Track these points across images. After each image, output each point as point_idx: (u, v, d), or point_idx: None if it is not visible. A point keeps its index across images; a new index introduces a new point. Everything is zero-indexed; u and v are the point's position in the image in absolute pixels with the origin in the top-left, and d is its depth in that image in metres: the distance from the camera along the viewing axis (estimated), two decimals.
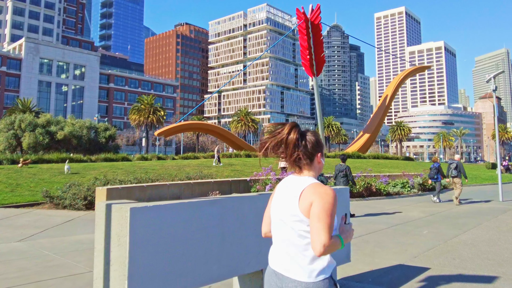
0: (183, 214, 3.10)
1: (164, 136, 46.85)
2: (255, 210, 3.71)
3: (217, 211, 3.38)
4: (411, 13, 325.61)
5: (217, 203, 3.41)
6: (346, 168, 12.33)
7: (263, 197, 3.81)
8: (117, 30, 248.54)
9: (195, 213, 3.20)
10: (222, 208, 3.43)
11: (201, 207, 3.27)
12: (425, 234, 8.67)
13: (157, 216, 2.92)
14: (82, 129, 52.49)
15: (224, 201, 3.48)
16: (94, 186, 13.87)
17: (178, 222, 3.06)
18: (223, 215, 3.43)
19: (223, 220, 3.42)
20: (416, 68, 63.98)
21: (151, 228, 2.88)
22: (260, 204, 3.78)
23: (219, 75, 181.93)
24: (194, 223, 3.18)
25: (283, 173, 19.79)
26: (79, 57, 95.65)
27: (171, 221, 3.01)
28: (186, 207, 3.14)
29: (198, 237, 3.20)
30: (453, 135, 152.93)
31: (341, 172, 12.32)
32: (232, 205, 3.53)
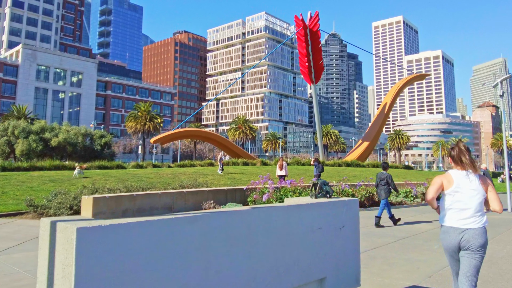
0: (152, 235, 2.39)
1: (161, 144, 46.15)
2: (247, 228, 3.00)
3: (199, 230, 2.67)
4: (408, 22, 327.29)
5: (199, 220, 2.69)
6: (387, 176, 11.94)
7: (257, 212, 3.11)
8: (116, 38, 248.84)
9: (169, 234, 2.49)
10: (205, 227, 2.72)
11: (177, 226, 2.55)
12: (436, 249, 7.95)
13: (115, 239, 2.20)
14: (77, 136, 51.67)
15: (208, 218, 2.76)
16: (81, 194, 13.14)
17: (145, 247, 2.34)
18: (207, 236, 2.71)
19: (207, 242, 2.71)
20: (415, 76, 63.65)
21: (106, 255, 2.16)
22: (254, 220, 3.07)
23: (217, 83, 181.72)
24: (168, 247, 2.46)
25: (281, 181, 19.08)
26: (76, 64, 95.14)
27: (136, 245, 2.29)
28: (156, 226, 2.43)
29: (174, 265, 2.49)
30: (451, 143, 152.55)
31: (382, 180, 11.98)
32: (219, 223, 2.81)
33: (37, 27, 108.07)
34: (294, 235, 3.37)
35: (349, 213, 4.01)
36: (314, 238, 3.57)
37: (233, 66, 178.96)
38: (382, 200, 11.72)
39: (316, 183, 4.06)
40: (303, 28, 50.11)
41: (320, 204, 3.71)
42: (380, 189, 11.94)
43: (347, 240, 3.97)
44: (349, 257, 4.00)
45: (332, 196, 4.15)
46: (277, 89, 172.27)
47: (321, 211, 3.68)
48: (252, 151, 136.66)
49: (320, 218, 3.67)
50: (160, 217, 2.48)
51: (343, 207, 3.95)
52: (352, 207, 4.10)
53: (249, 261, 2.95)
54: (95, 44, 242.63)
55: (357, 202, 4.24)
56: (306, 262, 3.46)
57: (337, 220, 3.86)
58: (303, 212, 3.49)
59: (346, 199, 4.08)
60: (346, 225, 3.94)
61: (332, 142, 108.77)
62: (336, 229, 3.84)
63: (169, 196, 13.16)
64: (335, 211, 3.86)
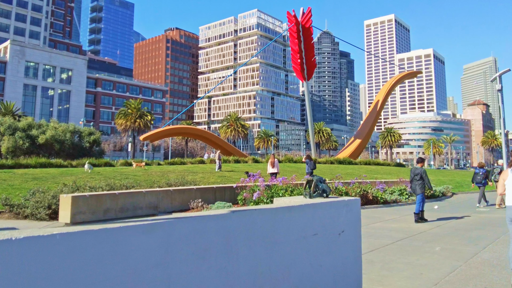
0: (91, 250, 1.76)
1: (150, 141, 45.32)
2: (225, 236, 2.38)
3: (158, 242, 2.04)
4: (400, 21, 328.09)
5: (159, 229, 2.06)
6: (422, 171, 11.84)
7: (237, 217, 2.49)
8: (107, 35, 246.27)
9: (116, 247, 1.86)
10: (168, 237, 2.09)
11: (128, 238, 1.92)
12: (438, 251, 7.39)
13: (31, 257, 1.56)
14: (65, 133, 50.59)
15: (171, 226, 2.13)
16: (61, 193, 12.42)
17: (79, 266, 1.70)
18: (169, 249, 2.08)
19: (169, 257, 2.08)
20: (408, 74, 63.41)
21: (16, 278, 1.52)
22: (234, 227, 2.45)
23: (209, 81, 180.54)
24: (113, 265, 1.83)
25: (273, 179, 18.46)
26: (66, 60, 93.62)
27: (66, 264, 1.65)
28: (97, 238, 1.79)
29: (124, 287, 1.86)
30: (442, 141, 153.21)
31: (416, 175, 11.86)
32: (186, 231, 2.19)
33: (26, 23, 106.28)
34: (283, 243, 2.77)
35: (350, 216, 3.40)
36: (308, 247, 2.97)
37: (225, 64, 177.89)
38: (418, 195, 11.65)
39: (311, 180, 3.45)
40: (295, 25, 49.52)
41: (316, 205, 3.10)
42: (415, 184, 11.84)
43: (347, 248, 3.37)
44: (349, 268, 3.40)
45: (329, 195, 3.54)
46: (269, 87, 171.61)
47: (316, 214, 3.08)
48: (244, 149, 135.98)
49: (316, 222, 3.06)
50: (103, 225, 1.85)
51: (342, 209, 3.35)
52: (353, 208, 3.49)
53: (226, 278, 2.33)
54: (85, 41, 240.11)
55: (358, 202, 3.63)
56: (297, 276, 2.86)
57: (335, 224, 3.25)
58: (294, 215, 2.88)
59: (346, 198, 3.47)
60: (346, 229, 3.34)
61: (324, 140, 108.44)
62: (334, 234, 3.23)
63: (154, 195, 12.50)
64: (333, 213, 3.25)
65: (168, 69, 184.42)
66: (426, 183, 11.67)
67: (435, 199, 19.37)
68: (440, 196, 20.19)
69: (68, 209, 10.73)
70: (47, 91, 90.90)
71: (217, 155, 28.91)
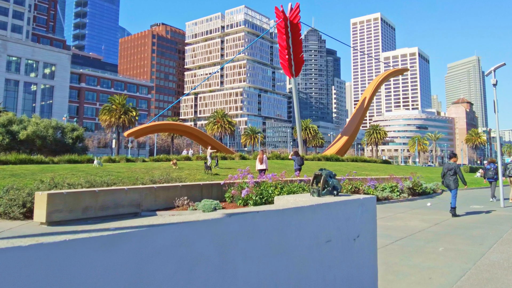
0: (25, 272, 1.21)
1: (135, 137, 44.36)
2: (220, 246, 1.78)
3: (125, 258, 1.43)
4: (386, 19, 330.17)
5: (127, 242, 1.44)
6: (456, 166, 12.03)
7: (236, 222, 1.89)
8: (92, 30, 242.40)
9: (65, 269, 1.24)
10: (138, 251, 1.48)
11: (82, 256, 1.30)
12: (441, 252, 6.90)
13: None
14: (47, 129, 49.28)
15: (144, 237, 1.51)
16: (38, 190, 11.66)
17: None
18: (141, 267, 1.48)
19: (140, 277, 1.47)
20: (394, 71, 63.44)
21: None
22: (230, 235, 1.85)
23: (195, 77, 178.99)
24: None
25: (261, 175, 17.89)
26: (49, 55, 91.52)
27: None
28: (29, 258, 1.22)
29: None
30: (427, 139, 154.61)
31: (450, 170, 12.04)
32: (166, 243, 1.57)
33: (8, 16, 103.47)
34: (292, 253, 2.19)
35: (366, 217, 2.84)
36: (321, 256, 2.39)
37: (212, 60, 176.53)
38: (453, 190, 11.88)
39: (319, 174, 2.88)
40: (283, 20, 48.95)
41: (329, 206, 2.53)
42: (449, 179, 12.01)
43: (363, 255, 2.81)
44: (365, 278, 2.84)
45: (340, 193, 2.97)
46: (256, 84, 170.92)
47: (330, 216, 2.51)
48: (231, 145, 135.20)
49: (330, 225, 2.49)
50: (41, 238, 1.24)
51: (357, 209, 2.78)
52: (369, 208, 2.93)
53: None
54: (70, 36, 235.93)
55: (374, 201, 3.07)
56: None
57: (350, 228, 2.69)
58: (305, 218, 2.30)
59: (361, 197, 2.90)
60: (362, 233, 2.79)
61: (311, 137, 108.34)
62: (349, 240, 2.67)
63: (137, 192, 11.80)
64: (348, 214, 2.69)
65: (154, 65, 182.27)
66: (460, 178, 11.85)
67: (426, 196, 19.06)
68: (431, 193, 19.89)
69: (43, 207, 10.00)
70: (29, 86, 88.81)
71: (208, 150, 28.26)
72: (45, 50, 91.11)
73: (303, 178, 16.14)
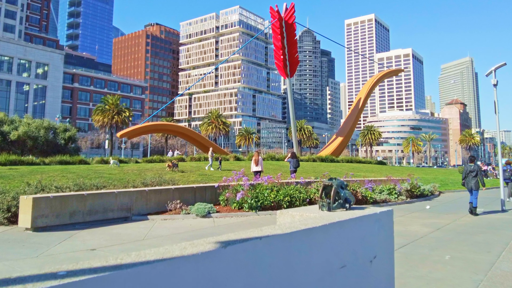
0: None
1: (128, 138, 43.75)
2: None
3: None
4: (380, 21, 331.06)
5: None
6: (478, 169, 12.65)
7: (232, 253, 1.46)
8: (85, 30, 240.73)
9: None
10: None
11: None
12: (448, 261, 6.53)
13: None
14: (39, 129, 48.59)
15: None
16: (24, 193, 11.17)
17: None
18: None
19: None
20: (390, 71, 63.29)
21: None
22: (224, 269, 1.42)
23: (190, 77, 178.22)
24: None
25: (257, 177, 17.47)
26: (42, 55, 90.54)
27: None
28: None
29: None
30: (421, 139, 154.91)
31: (472, 172, 12.62)
32: None
33: (0, 15, 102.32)
34: (301, 285, 1.77)
35: (382, 234, 2.44)
36: (334, 285, 1.98)
37: (207, 60, 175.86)
38: (474, 191, 12.47)
39: (329, 185, 2.47)
40: (278, 20, 48.58)
41: (343, 225, 2.12)
42: (470, 180, 12.63)
43: (380, 278, 2.40)
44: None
45: (351, 205, 2.56)
46: (251, 84, 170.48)
47: (344, 236, 2.10)
48: (225, 146, 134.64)
49: (343, 248, 2.09)
50: None
51: (374, 225, 2.38)
52: (385, 224, 2.53)
53: None
54: (63, 36, 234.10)
55: (391, 215, 2.66)
56: None
57: (366, 248, 2.29)
58: (316, 242, 1.90)
59: (377, 210, 2.50)
60: (379, 253, 2.38)
61: (306, 138, 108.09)
62: (365, 262, 2.27)
63: (127, 196, 11.33)
64: (363, 232, 2.29)
65: (148, 65, 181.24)
66: (480, 180, 12.46)
67: (424, 198, 18.72)
68: (429, 195, 19.55)
69: (29, 212, 9.51)
70: (22, 86, 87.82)
71: (209, 152, 27.82)
72: (38, 50, 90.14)
73: (299, 180, 15.75)
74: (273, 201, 13.08)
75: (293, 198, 13.47)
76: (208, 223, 10.94)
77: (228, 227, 10.28)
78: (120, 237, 9.07)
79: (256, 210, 12.59)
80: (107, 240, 8.66)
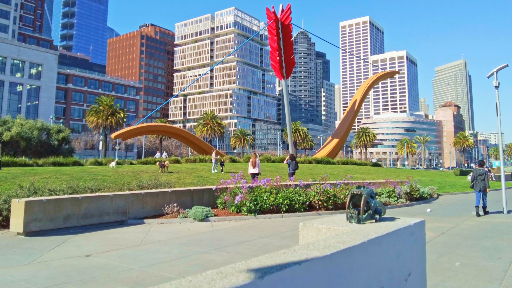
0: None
1: (122, 139, 43.34)
2: None
3: None
4: (375, 23, 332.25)
5: None
6: (485, 172, 13.60)
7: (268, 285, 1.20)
8: (80, 30, 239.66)
9: None
10: None
11: None
12: (459, 268, 6.29)
13: None
14: (32, 130, 48.10)
15: None
16: (16, 196, 10.81)
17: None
18: None
19: None
20: (386, 73, 63.28)
21: None
22: None
23: (184, 78, 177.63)
24: None
25: (255, 180, 17.19)
26: (35, 55, 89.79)
27: None
28: None
29: None
30: (415, 142, 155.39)
31: (480, 175, 13.54)
32: None
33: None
34: None
35: (416, 249, 2.19)
36: None
37: (202, 62, 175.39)
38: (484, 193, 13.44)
39: (359, 194, 2.21)
40: (274, 21, 48.30)
41: (381, 241, 1.86)
42: (479, 183, 13.50)
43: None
44: None
45: (382, 216, 2.30)
46: (246, 86, 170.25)
47: (381, 254, 1.85)
48: (220, 147, 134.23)
49: (381, 267, 1.83)
50: None
51: (408, 239, 2.13)
52: (419, 236, 2.29)
53: None
54: (57, 36, 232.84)
55: (424, 226, 2.41)
56: None
57: (401, 265, 2.03)
58: (356, 263, 1.63)
59: (410, 222, 2.25)
60: (413, 270, 2.12)
61: (301, 139, 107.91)
62: (401, 281, 2.01)
63: (123, 199, 11.02)
64: (399, 248, 2.03)
65: (142, 65, 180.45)
66: (486, 182, 13.38)
67: (423, 201, 18.53)
68: (428, 198, 19.36)
69: (21, 216, 9.18)
70: (15, 87, 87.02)
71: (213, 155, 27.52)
72: (32, 50, 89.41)
73: (298, 183, 15.50)
74: (272, 205, 12.82)
75: (292, 202, 13.21)
76: (206, 227, 10.66)
77: (227, 232, 10.00)
78: (117, 242, 8.77)
79: (255, 214, 12.32)
80: (103, 245, 8.35)
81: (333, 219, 2.61)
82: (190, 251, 7.62)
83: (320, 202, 13.99)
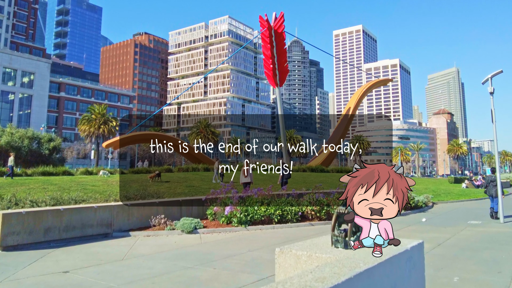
0: None
1: (114, 148, 42.80)
2: None
3: None
4: (368, 31, 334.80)
5: None
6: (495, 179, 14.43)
7: None
8: (73, 39, 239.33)
9: None
10: None
11: None
12: (458, 283, 5.94)
13: None
14: (23, 139, 47.48)
15: None
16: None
17: None
18: None
19: None
20: (380, 81, 63.43)
21: None
22: None
23: (178, 87, 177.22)
24: None
25: (246, 189, 16.79)
26: (27, 63, 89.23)
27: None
28: None
29: None
30: (410, 149, 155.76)
31: (493, 182, 14.48)
32: None
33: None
34: None
35: (414, 275, 1.87)
36: None
37: (196, 70, 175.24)
38: (496, 198, 14.15)
39: (344, 212, 1.87)
40: (268, 29, 48.26)
41: (370, 273, 1.51)
42: (491, 189, 14.49)
43: None
44: None
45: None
46: (240, 94, 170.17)
47: (375, 285, 1.47)
48: (214, 156, 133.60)
49: None
50: None
51: (405, 266, 1.81)
52: (417, 261, 1.93)
53: None
54: (51, 45, 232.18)
55: (422, 249, 2.06)
56: None
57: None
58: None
59: (407, 245, 1.90)
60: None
61: (295, 148, 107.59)
62: None
63: (108, 210, 10.59)
64: (394, 279, 1.69)
65: (136, 74, 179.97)
66: (498, 188, 13.93)
67: (418, 210, 18.23)
68: (423, 207, 19.07)
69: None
70: (7, 95, 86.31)
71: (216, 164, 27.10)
72: (24, 58, 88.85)
73: (290, 192, 15.14)
74: (263, 215, 12.44)
75: (284, 212, 12.83)
76: (194, 239, 10.24)
77: (215, 244, 9.60)
78: (98, 256, 8.34)
79: (245, 225, 11.92)
80: (83, 260, 7.92)
81: (316, 242, 2.26)
82: (174, 267, 7.21)
83: (313, 212, 13.64)
